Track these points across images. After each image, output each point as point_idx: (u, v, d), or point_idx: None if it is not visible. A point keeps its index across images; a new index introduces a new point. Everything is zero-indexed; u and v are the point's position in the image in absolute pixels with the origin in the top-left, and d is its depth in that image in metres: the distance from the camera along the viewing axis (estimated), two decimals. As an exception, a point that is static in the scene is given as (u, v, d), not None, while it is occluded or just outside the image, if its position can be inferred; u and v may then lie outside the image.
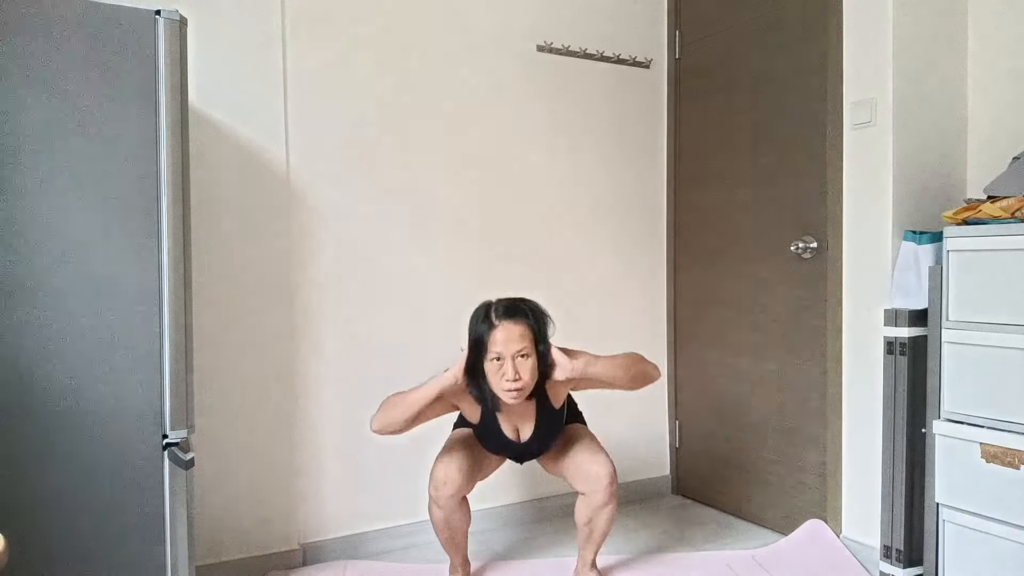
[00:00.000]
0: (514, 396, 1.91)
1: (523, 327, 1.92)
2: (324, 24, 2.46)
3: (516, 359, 1.90)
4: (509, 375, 1.88)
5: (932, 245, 2.14)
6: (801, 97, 2.55)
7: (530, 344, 1.92)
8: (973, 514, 1.99)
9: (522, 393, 1.92)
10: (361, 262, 2.55)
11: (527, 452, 2.16)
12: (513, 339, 1.90)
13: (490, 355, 1.91)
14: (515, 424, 2.10)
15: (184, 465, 1.69)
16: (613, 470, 2.09)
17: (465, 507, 2.12)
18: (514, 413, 2.08)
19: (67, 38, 1.57)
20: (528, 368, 1.91)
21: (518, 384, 1.89)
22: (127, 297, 1.63)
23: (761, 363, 2.74)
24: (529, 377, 1.92)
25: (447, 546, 2.19)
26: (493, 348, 1.90)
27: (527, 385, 1.92)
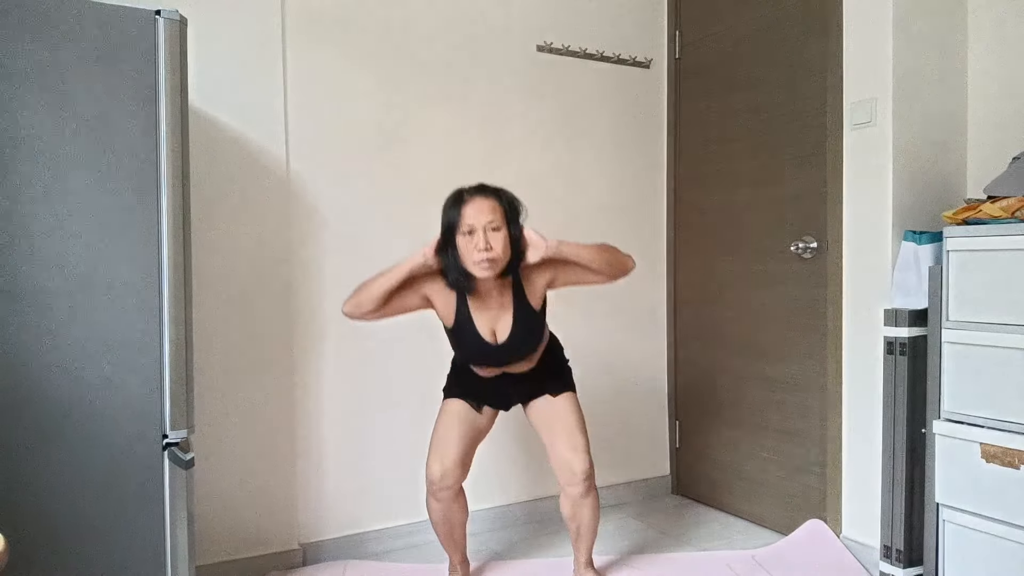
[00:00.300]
0: (486, 267, 1.89)
1: (493, 202, 1.93)
2: (324, 24, 2.46)
3: (488, 231, 1.89)
4: (481, 244, 1.88)
5: (932, 245, 2.14)
6: (801, 97, 2.55)
7: (501, 218, 1.92)
8: (973, 514, 1.99)
9: (494, 264, 1.90)
10: (361, 262, 2.55)
11: (505, 359, 2.07)
12: (484, 211, 1.90)
13: (462, 230, 1.91)
14: (491, 325, 2.03)
15: (184, 465, 1.69)
16: (589, 465, 2.06)
17: (462, 500, 2.13)
18: (491, 309, 2.03)
19: (67, 38, 1.57)
20: (499, 240, 1.90)
21: (490, 254, 1.88)
22: (127, 297, 1.63)
23: (761, 363, 2.74)
24: (501, 249, 1.90)
25: (446, 542, 2.19)
26: (465, 222, 1.90)
27: (499, 257, 1.90)
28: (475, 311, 2.02)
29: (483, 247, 1.88)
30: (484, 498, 2.74)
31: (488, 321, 2.03)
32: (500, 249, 1.90)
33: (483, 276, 1.93)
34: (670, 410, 3.19)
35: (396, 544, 2.59)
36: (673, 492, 3.19)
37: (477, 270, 1.91)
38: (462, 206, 1.92)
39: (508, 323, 2.03)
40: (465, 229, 1.90)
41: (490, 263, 1.89)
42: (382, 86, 2.56)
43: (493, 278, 1.97)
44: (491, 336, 2.04)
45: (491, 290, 2.02)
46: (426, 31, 2.63)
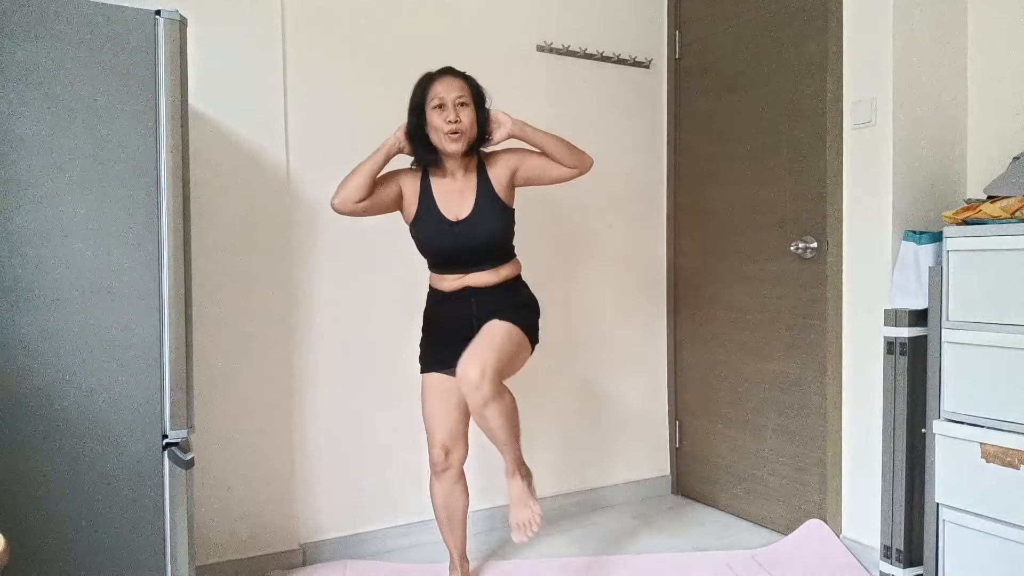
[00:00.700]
0: (455, 139, 1.97)
1: (461, 81, 2.03)
2: (324, 24, 2.46)
3: (456, 105, 1.98)
4: (450, 116, 1.96)
5: (932, 245, 2.14)
6: (801, 97, 2.55)
7: (468, 96, 2.01)
8: (973, 514, 1.99)
9: (462, 137, 1.98)
10: (360, 261, 2.55)
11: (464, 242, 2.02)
12: (453, 87, 2.00)
13: (431, 104, 1.99)
14: (455, 208, 2.05)
15: (184, 465, 1.69)
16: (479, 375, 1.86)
17: (463, 484, 2.16)
18: (454, 192, 2.06)
19: (67, 38, 1.57)
20: (467, 115, 1.99)
21: (459, 125, 1.97)
22: (127, 297, 1.63)
23: (761, 363, 2.74)
24: (468, 123, 1.99)
25: (446, 531, 2.18)
26: (434, 97, 1.99)
27: (466, 130, 1.98)
28: (438, 193, 2.07)
29: (452, 119, 1.96)
30: (485, 498, 2.73)
31: (451, 204, 2.06)
32: (467, 122, 1.99)
33: (451, 149, 1.99)
34: (670, 410, 3.19)
35: (396, 544, 2.59)
36: (673, 492, 3.19)
37: (446, 142, 1.98)
38: (431, 83, 2.02)
39: (470, 203, 2.06)
40: (435, 103, 1.99)
41: (459, 135, 1.97)
42: (382, 86, 2.56)
43: (458, 158, 2.04)
44: (452, 215, 2.05)
45: (456, 171, 2.07)
46: (426, 31, 2.63)
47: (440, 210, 2.05)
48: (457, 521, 2.19)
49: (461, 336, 2.05)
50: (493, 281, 2.08)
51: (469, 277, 2.07)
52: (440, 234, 2.05)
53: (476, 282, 2.07)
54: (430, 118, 2.00)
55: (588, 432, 2.99)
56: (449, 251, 2.06)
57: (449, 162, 2.06)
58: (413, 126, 2.04)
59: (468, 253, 2.05)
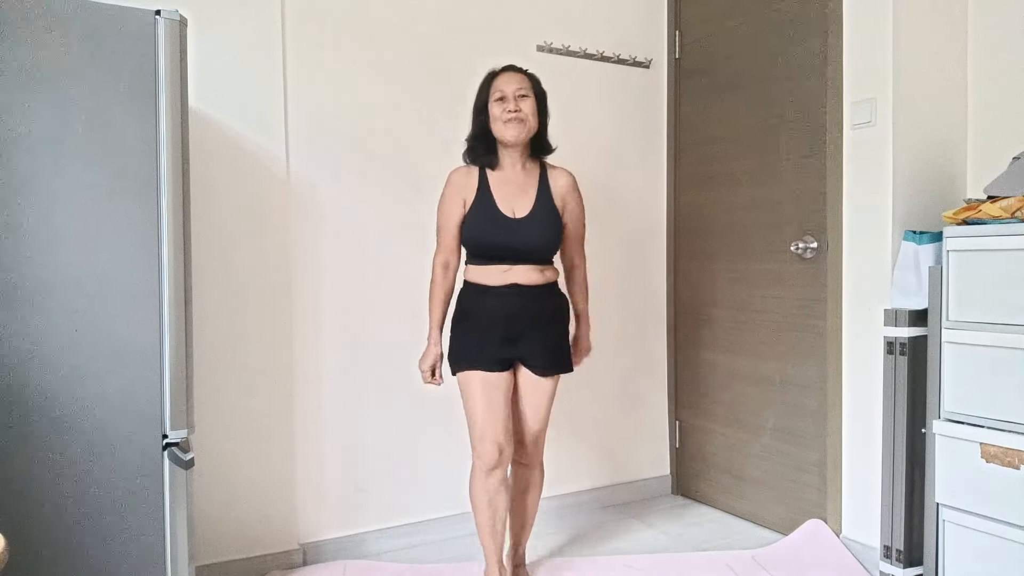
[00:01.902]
0: (515, 127, 2.00)
1: (522, 75, 2.07)
2: (324, 24, 2.46)
3: (516, 97, 2.01)
4: (511, 107, 2.00)
5: (932, 245, 2.14)
6: (801, 97, 2.55)
7: (529, 89, 2.05)
8: (973, 514, 1.99)
9: (522, 125, 2.01)
10: (361, 262, 2.55)
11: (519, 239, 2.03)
12: (513, 80, 2.04)
13: (493, 97, 2.04)
14: (512, 203, 2.05)
15: (184, 465, 1.69)
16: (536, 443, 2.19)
17: (507, 484, 2.12)
18: (512, 190, 2.06)
19: (67, 38, 1.57)
20: (528, 105, 2.03)
21: (519, 113, 2.00)
22: (127, 297, 1.63)
23: (761, 363, 2.74)
24: (529, 112, 2.02)
25: (487, 535, 2.12)
26: (496, 92, 2.04)
27: (527, 119, 2.02)
28: (495, 186, 2.07)
29: (512, 108, 2.00)
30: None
31: (508, 200, 2.06)
32: (528, 111, 2.02)
33: (511, 135, 2.01)
34: (670, 410, 3.19)
35: (396, 544, 2.59)
36: (673, 492, 3.19)
37: (506, 130, 2.01)
38: (493, 79, 2.07)
39: (529, 203, 2.06)
40: (496, 96, 2.03)
41: (518, 123, 2.00)
42: (382, 86, 2.56)
43: (519, 151, 2.06)
44: (511, 212, 2.05)
45: (517, 171, 2.08)
46: (426, 31, 2.63)
47: (497, 205, 2.04)
48: (500, 523, 2.13)
49: (501, 334, 2.05)
50: (538, 281, 2.07)
51: (516, 272, 2.04)
52: (495, 229, 2.03)
53: (523, 279, 2.05)
54: (491, 110, 2.04)
55: (588, 432, 2.99)
56: (501, 246, 2.03)
57: (509, 156, 2.07)
58: (477, 124, 2.08)
59: (520, 250, 2.04)
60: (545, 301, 2.09)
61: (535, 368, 2.10)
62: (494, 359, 2.05)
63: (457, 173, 2.10)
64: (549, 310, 2.10)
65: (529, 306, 2.05)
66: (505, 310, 2.04)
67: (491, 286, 2.05)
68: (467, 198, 2.07)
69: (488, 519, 2.10)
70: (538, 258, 2.06)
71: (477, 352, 2.06)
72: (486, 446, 2.04)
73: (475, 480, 2.09)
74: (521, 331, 2.06)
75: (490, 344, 2.05)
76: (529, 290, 2.05)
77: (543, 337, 2.09)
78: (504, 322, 2.04)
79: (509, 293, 2.04)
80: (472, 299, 2.09)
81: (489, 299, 2.05)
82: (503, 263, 2.04)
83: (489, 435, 2.04)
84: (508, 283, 2.04)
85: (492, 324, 2.05)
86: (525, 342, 2.07)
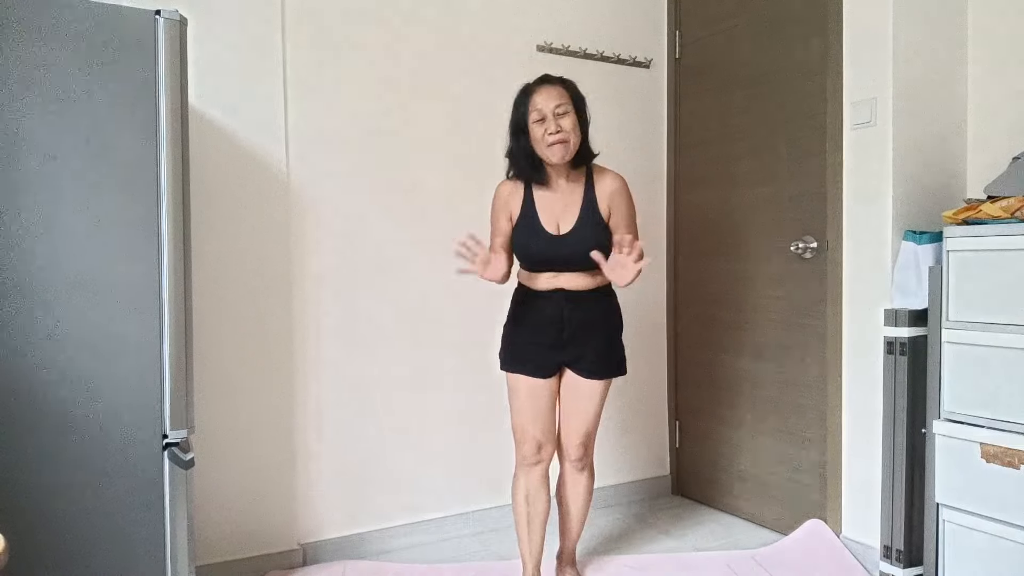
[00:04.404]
0: (559, 149, 1.95)
1: (560, 88, 2.00)
2: (324, 24, 2.46)
3: (556, 116, 1.96)
4: (552, 128, 1.95)
5: (932, 245, 2.14)
6: (801, 97, 2.55)
7: (568, 102, 1.98)
8: (973, 514, 1.99)
9: (566, 147, 1.96)
10: (361, 261, 2.55)
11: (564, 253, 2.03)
12: (552, 96, 1.97)
13: (532, 118, 1.98)
14: (556, 219, 2.04)
15: (184, 465, 1.69)
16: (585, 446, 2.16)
17: (548, 484, 2.15)
18: (557, 204, 2.05)
19: (67, 38, 1.57)
20: (568, 122, 1.97)
21: (561, 135, 1.95)
22: (127, 297, 1.63)
23: (761, 363, 2.74)
24: (571, 128, 1.97)
25: (523, 535, 2.15)
26: (534, 110, 1.98)
27: (569, 137, 1.96)
28: (540, 203, 2.05)
29: (554, 130, 1.94)
30: (484, 498, 2.73)
31: (553, 216, 2.05)
32: (570, 128, 1.97)
33: (556, 159, 1.98)
34: (670, 410, 3.19)
35: (395, 544, 2.59)
36: (673, 492, 3.19)
37: (550, 153, 1.97)
38: (531, 96, 2.00)
39: (573, 217, 2.04)
40: (536, 117, 1.97)
41: (562, 145, 1.96)
42: (382, 86, 2.56)
43: (564, 171, 2.04)
44: (555, 229, 2.04)
45: (559, 180, 2.06)
46: (426, 31, 2.63)
47: (541, 222, 2.04)
48: (538, 523, 2.14)
49: (549, 339, 2.07)
50: (587, 286, 2.06)
51: (563, 278, 2.05)
52: (538, 245, 2.04)
53: (570, 285, 2.05)
54: (532, 132, 1.99)
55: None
56: (547, 260, 2.05)
57: (553, 171, 2.04)
58: (516, 144, 2.03)
59: (566, 261, 2.05)
60: (593, 305, 2.09)
61: (582, 371, 2.10)
62: (541, 364, 2.09)
63: (504, 187, 2.11)
64: (598, 314, 2.10)
65: (577, 310, 2.06)
66: (553, 314, 2.06)
67: (540, 290, 2.08)
68: (513, 213, 2.08)
69: (525, 517, 2.14)
70: (587, 266, 2.05)
71: (525, 355, 2.09)
72: (525, 444, 2.11)
73: (516, 478, 2.17)
74: (569, 335, 2.07)
75: (538, 348, 2.08)
76: (576, 295, 2.06)
77: (591, 341, 2.09)
78: (552, 326, 2.06)
79: (556, 297, 2.06)
80: (522, 301, 2.13)
81: (538, 302, 2.09)
82: (552, 271, 2.07)
83: (530, 434, 2.10)
84: (555, 288, 2.06)
85: (540, 328, 2.08)
86: (573, 346, 2.08)
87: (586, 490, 2.21)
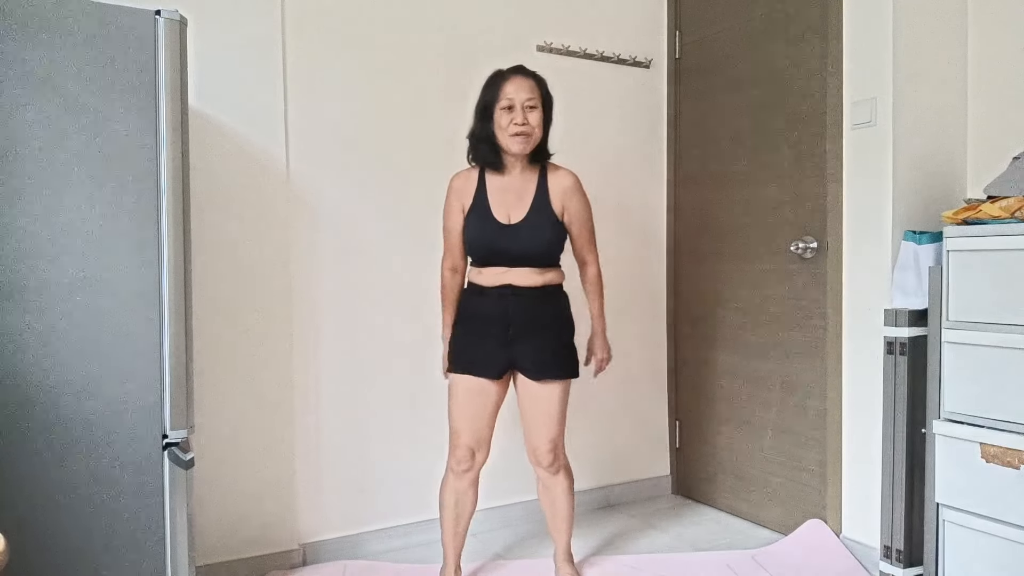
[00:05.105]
0: (521, 140, 1.99)
1: (532, 82, 2.03)
2: (324, 24, 2.46)
3: (525, 108, 1.99)
4: (518, 119, 1.98)
5: (932, 245, 2.14)
6: (801, 97, 2.55)
7: (538, 98, 2.02)
8: (973, 514, 1.99)
9: (528, 140, 2.00)
10: (361, 262, 2.55)
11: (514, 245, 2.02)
12: (523, 88, 2.00)
13: (501, 104, 2.00)
14: (507, 209, 2.05)
15: (184, 465, 1.69)
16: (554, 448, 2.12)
17: (476, 488, 2.18)
18: (510, 195, 2.06)
19: (67, 38, 1.57)
20: (535, 117, 2.01)
21: (526, 128, 1.98)
22: (127, 297, 1.63)
23: (761, 363, 2.74)
24: (536, 123, 2.01)
25: (449, 534, 2.18)
26: (504, 97, 2.00)
27: (534, 132, 2.00)
28: (492, 192, 2.07)
29: (520, 121, 1.98)
30: (484, 498, 2.73)
31: (504, 206, 2.06)
32: (535, 124, 2.01)
33: (517, 150, 2.01)
34: (670, 410, 3.19)
35: (396, 544, 2.59)
36: (673, 492, 3.19)
37: (512, 143, 2.00)
38: (503, 82, 2.02)
39: (525, 208, 2.06)
40: (504, 104, 1.99)
41: (524, 137, 1.99)
42: (382, 85, 2.56)
43: (520, 163, 2.06)
44: (505, 218, 2.05)
45: (515, 175, 2.07)
46: (426, 31, 2.63)
47: (492, 211, 2.04)
48: (463, 524, 2.19)
49: (495, 337, 2.05)
50: (536, 282, 2.06)
51: (511, 274, 2.04)
52: (487, 235, 2.04)
53: (518, 281, 2.04)
54: (498, 118, 2.01)
55: (588, 432, 2.99)
56: (496, 250, 2.04)
57: (510, 159, 2.07)
58: (480, 127, 2.05)
59: (515, 254, 2.04)
60: (541, 303, 2.07)
61: (528, 372, 2.07)
62: (487, 363, 2.06)
63: (457, 179, 2.12)
64: (546, 312, 2.08)
65: (524, 307, 2.04)
66: (498, 310, 2.04)
67: (486, 287, 2.06)
68: (465, 203, 2.09)
69: (452, 519, 2.16)
70: (536, 261, 2.05)
71: (470, 355, 2.07)
72: (458, 449, 2.10)
73: (446, 480, 2.16)
74: (515, 333, 2.05)
75: (483, 346, 2.06)
76: (524, 291, 2.04)
77: (539, 340, 2.07)
78: (497, 322, 2.04)
79: (503, 294, 2.04)
80: (470, 300, 2.11)
81: (484, 300, 2.06)
82: (500, 266, 2.05)
83: (463, 439, 2.09)
84: (503, 283, 2.04)
85: (487, 326, 2.05)
86: (520, 343, 2.06)
87: (566, 491, 2.19)
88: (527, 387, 2.10)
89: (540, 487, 2.21)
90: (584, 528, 2.77)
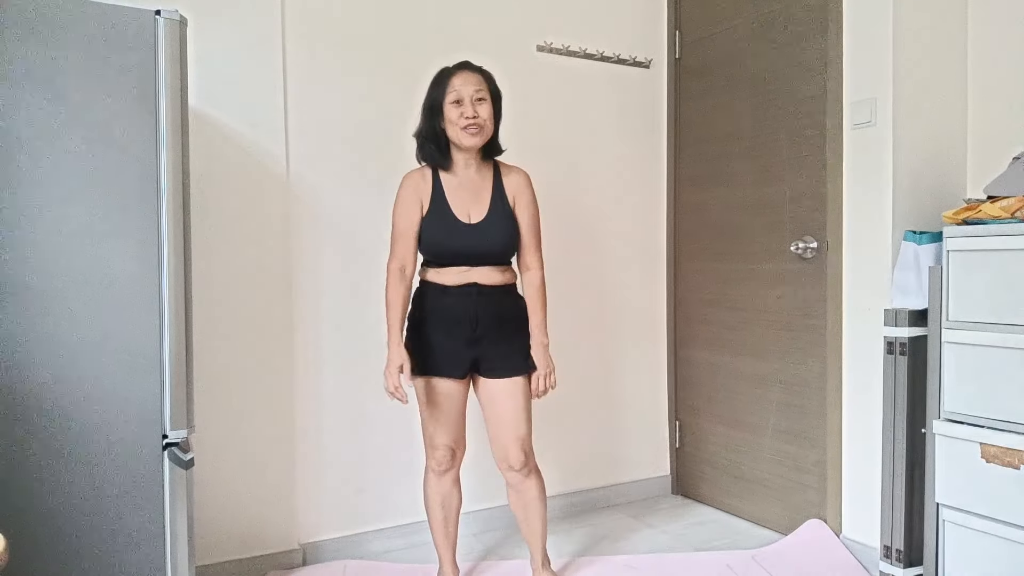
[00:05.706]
0: (472, 132, 1.96)
1: (479, 76, 2.01)
2: (324, 24, 2.46)
3: (474, 101, 1.97)
4: (469, 112, 1.95)
5: (932, 245, 2.14)
6: (801, 97, 2.55)
7: (486, 91, 2.00)
8: (973, 514, 1.99)
9: (480, 132, 1.98)
10: (361, 262, 2.55)
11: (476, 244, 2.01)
12: (471, 81, 1.98)
13: (449, 99, 1.97)
14: (467, 207, 2.03)
15: (184, 465, 1.69)
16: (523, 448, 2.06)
17: (459, 485, 2.18)
18: (467, 193, 2.04)
19: (67, 38, 1.57)
20: (485, 109, 1.99)
21: (477, 120, 1.96)
22: (127, 297, 1.63)
23: (761, 363, 2.74)
24: (487, 116, 1.99)
25: (440, 534, 2.18)
26: (451, 92, 1.97)
27: (485, 124, 1.98)
28: (449, 191, 2.04)
29: (471, 114, 1.96)
30: (483, 498, 2.73)
31: (463, 205, 2.03)
32: (485, 116, 1.98)
33: (469, 143, 1.98)
34: (670, 410, 3.19)
35: (396, 544, 2.59)
36: (673, 492, 3.19)
37: (463, 136, 1.97)
38: (450, 77, 2.00)
39: (484, 207, 2.04)
40: (453, 98, 1.97)
41: (476, 128, 1.97)
42: (382, 85, 2.56)
43: (473, 154, 2.03)
44: (466, 218, 2.03)
45: (471, 174, 2.05)
46: (426, 31, 2.63)
47: (452, 211, 2.02)
48: (452, 522, 2.19)
49: (462, 336, 2.02)
50: (497, 281, 2.05)
51: (475, 272, 2.03)
52: (452, 235, 2.01)
53: (483, 279, 2.03)
54: (447, 112, 1.98)
55: (588, 432, 2.99)
56: (460, 252, 2.02)
57: (462, 157, 2.04)
58: (427, 125, 2.03)
59: (479, 254, 2.02)
60: (504, 301, 2.07)
61: (494, 370, 2.05)
62: (455, 363, 2.04)
63: (411, 177, 2.07)
64: (509, 310, 2.08)
65: (490, 305, 2.04)
66: (466, 309, 2.02)
67: (450, 286, 2.03)
68: (424, 202, 2.04)
69: (441, 520, 2.16)
70: (497, 260, 2.05)
71: (438, 356, 2.04)
72: (437, 451, 2.09)
73: (428, 482, 2.15)
74: (481, 331, 2.03)
75: (451, 347, 2.03)
76: (489, 289, 2.04)
77: (503, 337, 2.06)
78: (465, 322, 2.02)
79: (470, 292, 2.02)
80: (431, 300, 2.06)
81: (449, 299, 2.03)
82: (463, 265, 2.03)
83: (441, 440, 2.08)
84: (467, 282, 2.02)
85: (453, 325, 2.03)
86: (486, 342, 2.04)
87: (538, 495, 2.13)
88: (493, 387, 2.06)
89: (511, 493, 2.14)
90: (584, 528, 2.77)
